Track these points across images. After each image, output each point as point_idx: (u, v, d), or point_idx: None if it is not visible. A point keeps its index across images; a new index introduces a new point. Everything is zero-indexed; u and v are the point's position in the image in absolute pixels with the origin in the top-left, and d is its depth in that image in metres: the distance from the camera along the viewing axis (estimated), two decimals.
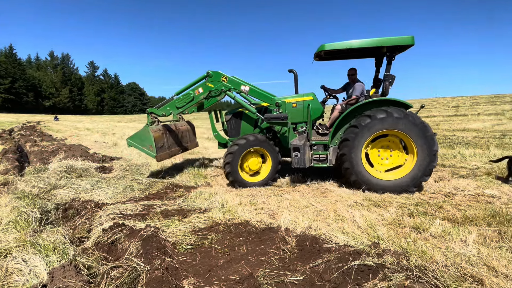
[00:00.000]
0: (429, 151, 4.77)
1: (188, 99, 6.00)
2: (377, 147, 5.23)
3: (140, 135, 5.86)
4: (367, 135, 4.93)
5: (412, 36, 4.96)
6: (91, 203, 4.61)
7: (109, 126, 29.01)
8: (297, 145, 5.13)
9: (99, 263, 2.82)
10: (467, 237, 3.14)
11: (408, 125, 4.78)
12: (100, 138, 16.01)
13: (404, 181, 4.89)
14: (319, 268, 2.68)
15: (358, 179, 5.02)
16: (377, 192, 4.92)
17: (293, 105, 5.87)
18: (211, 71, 5.93)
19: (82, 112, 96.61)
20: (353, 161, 5.00)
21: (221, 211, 4.17)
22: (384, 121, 4.84)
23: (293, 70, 6.02)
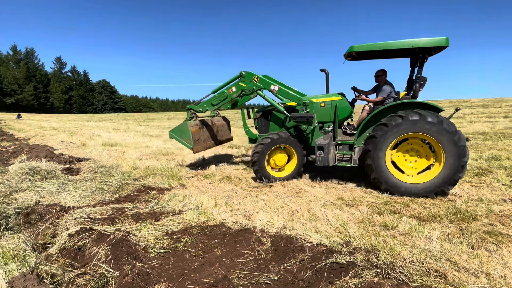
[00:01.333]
0: (458, 161, 4.56)
1: (222, 97, 6.46)
2: (403, 149, 5.10)
3: (180, 129, 6.52)
4: (395, 136, 4.82)
5: (447, 37, 4.79)
6: (56, 207, 4.36)
7: (77, 125, 27.60)
8: (321, 144, 5.27)
9: (64, 271, 2.68)
10: (432, 233, 3.32)
11: (440, 131, 4.57)
12: (68, 138, 15.20)
13: (426, 187, 4.72)
14: (293, 268, 2.71)
15: (378, 177, 4.95)
16: (395, 194, 4.84)
17: (321, 105, 6.00)
18: (244, 72, 6.30)
19: (48, 110, 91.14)
20: (376, 158, 4.93)
21: (195, 213, 4.10)
22: (415, 123, 4.68)
23: (325, 69, 6.02)
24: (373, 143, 4.96)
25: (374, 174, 4.99)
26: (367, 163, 5.05)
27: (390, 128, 4.82)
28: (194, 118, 6.73)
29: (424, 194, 4.73)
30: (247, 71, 6.32)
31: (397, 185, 4.87)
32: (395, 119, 4.81)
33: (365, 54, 5.62)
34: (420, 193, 4.75)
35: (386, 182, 4.92)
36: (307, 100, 5.78)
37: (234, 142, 12.03)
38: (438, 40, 4.80)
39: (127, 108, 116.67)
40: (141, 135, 16.56)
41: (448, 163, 4.63)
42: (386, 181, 4.92)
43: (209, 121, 7.18)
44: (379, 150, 4.92)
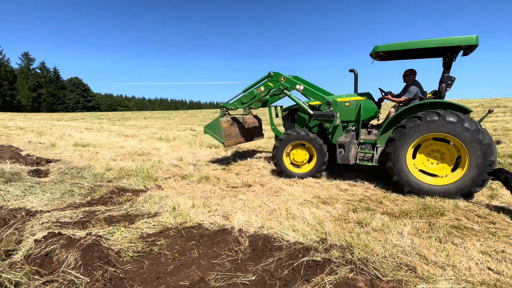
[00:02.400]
0: (484, 160, 4.39)
1: (251, 96, 6.88)
2: (427, 150, 5.01)
3: (213, 125, 6.96)
4: (414, 137, 4.77)
5: (476, 35, 4.63)
6: (21, 211, 4.11)
7: (46, 124, 26.22)
8: (343, 142, 5.45)
9: (29, 279, 2.52)
10: (403, 229, 3.45)
11: (461, 130, 4.45)
12: (36, 138, 14.40)
13: (450, 188, 4.61)
14: (271, 267, 2.72)
15: (401, 180, 4.89)
16: (419, 195, 4.76)
17: (345, 104, 6.08)
18: (272, 72, 6.60)
19: (14, 109, 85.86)
20: (396, 161, 4.89)
21: (172, 215, 4.01)
22: (434, 124, 4.60)
23: (354, 70, 6.04)
24: (392, 146, 4.93)
25: (395, 176, 4.94)
26: (388, 165, 5.03)
27: (408, 130, 4.79)
28: (226, 115, 7.21)
29: (450, 196, 4.60)
30: (276, 71, 6.61)
31: (420, 187, 4.79)
32: (414, 121, 4.77)
33: (392, 54, 5.57)
34: (446, 194, 4.62)
35: (408, 184, 4.84)
36: (331, 99, 5.89)
37: (213, 142, 11.94)
38: (467, 39, 4.65)
39: (101, 107, 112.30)
40: (115, 135, 16.00)
41: (473, 163, 4.47)
42: (408, 183, 4.84)
43: (240, 119, 7.59)
44: (399, 152, 4.87)
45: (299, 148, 6.20)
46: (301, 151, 6.18)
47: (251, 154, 9.01)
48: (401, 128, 4.90)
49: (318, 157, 5.99)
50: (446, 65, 5.23)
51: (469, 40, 4.66)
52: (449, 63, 5.19)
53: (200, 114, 47.04)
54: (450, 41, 4.75)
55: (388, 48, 5.21)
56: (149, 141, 13.05)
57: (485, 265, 2.71)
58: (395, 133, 4.98)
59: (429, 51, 5.31)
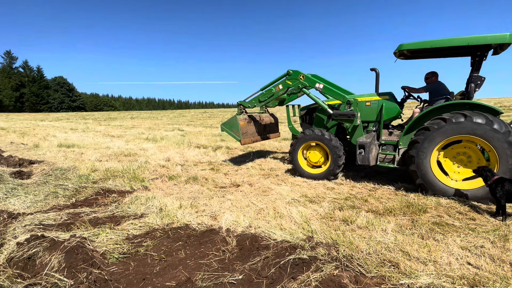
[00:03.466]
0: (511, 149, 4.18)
1: (269, 94, 6.80)
2: (452, 153, 4.81)
3: (230, 122, 7.01)
4: (439, 139, 4.57)
5: (510, 33, 4.33)
6: (3, 213, 4.01)
7: (29, 125, 25.49)
8: (363, 142, 5.24)
9: (12, 282, 2.47)
10: (387, 226, 3.54)
11: (489, 132, 4.25)
12: (18, 139, 13.99)
13: (478, 193, 4.41)
14: (258, 266, 2.75)
15: (424, 183, 4.73)
16: (438, 195, 4.63)
17: (366, 104, 5.94)
18: (291, 70, 6.47)
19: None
20: (420, 164, 4.71)
21: (159, 216, 3.98)
22: (461, 125, 4.39)
23: (375, 68, 5.92)
24: (415, 148, 4.77)
25: (419, 180, 4.79)
26: (411, 169, 4.85)
27: (432, 131, 4.60)
28: (243, 113, 7.21)
29: (477, 200, 4.41)
30: (295, 69, 6.48)
31: (445, 191, 4.62)
32: (438, 122, 4.59)
33: (418, 53, 5.35)
34: (473, 199, 4.43)
35: (432, 188, 4.71)
36: (352, 98, 5.70)
37: (200, 142, 11.88)
38: (499, 37, 4.36)
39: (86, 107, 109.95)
40: (101, 136, 15.70)
41: (503, 166, 4.26)
42: (432, 187, 4.71)
43: (257, 117, 7.55)
44: (422, 155, 4.70)
45: (315, 149, 6.06)
46: (317, 152, 6.04)
47: (240, 154, 9.01)
48: (424, 130, 4.72)
49: (332, 159, 5.77)
50: (476, 65, 4.94)
51: (501, 38, 4.37)
52: (479, 63, 4.90)
53: (189, 114, 46.67)
54: (481, 39, 4.47)
55: (414, 47, 4.97)
56: (136, 141, 12.87)
57: (465, 260, 2.81)
58: (418, 135, 4.79)
59: (457, 50, 5.08)
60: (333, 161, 5.76)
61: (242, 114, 7.16)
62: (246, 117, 7.18)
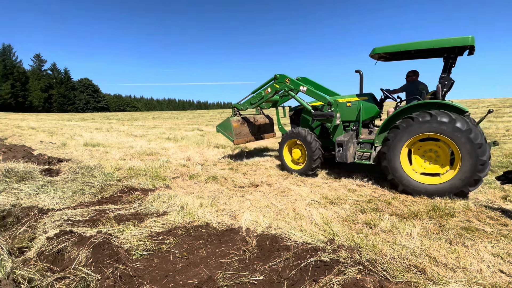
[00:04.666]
0: (476, 160, 4.36)
1: (259, 97, 7.26)
2: (422, 150, 5.04)
3: (224, 124, 7.52)
4: (407, 137, 4.87)
5: (472, 36, 4.52)
6: (34, 209, 4.21)
7: (57, 125, 26.72)
8: (341, 141, 5.61)
9: (42, 275, 2.59)
10: (412, 230, 3.41)
11: (453, 130, 4.47)
12: (47, 138, 14.69)
13: (443, 188, 4.63)
14: (278, 267, 2.73)
15: (395, 178, 5.00)
16: (413, 194, 4.82)
17: (347, 104, 6.30)
18: (278, 74, 6.92)
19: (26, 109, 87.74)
20: (391, 160, 5.01)
21: (180, 214, 4.05)
22: (426, 124, 4.66)
23: (360, 70, 6.13)
24: (387, 146, 5.04)
25: (390, 175, 5.04)
26: (383, 164, 5.13)
27: (401, 130, 4.89)
28: (237, 115, 7.73)
29: (443, 195, 4.63)
30: (281, 73, 6.92)
31: (413, 186, 4.85)
32: (407, 121, 4.86)
33: (393, 55, 5.63)
34: (439, 193, 4.65)
35: (401, 183, 4.93)
36: (332, 100, 6.00)
37: (219, 142, 11.99)
38: (462, 39, 4.57)
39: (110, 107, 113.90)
40: (124, 135, 16.21)
41: (465, 162, 4.46)
42: (401, 182, 4.93)
43: (251, 118, 8.02)
44: (393, 152, 4.98)
45: (299, 146, 6.51)
46: (298, 150, 6.48)
47: (258, 154, 9.01)
48: (395, 128, 5.00)
49: (308, 156, 6.19)
50: (444, 66, 5.20)
51: (464, 41, 4.60)
52: (446, 64, 5.15)
53: (208, 114, 47.26)
54: (446, 42, 4.74)
55: (385, 50, 5.29)
56: (158, 141, 13.18)
57: (497, 267, 2.66)
58: (390, 133, 5.08)
59: (428, 52, 5.28)
60: (309, 158, 6.19)
61: (235, 116, 7.71)
62: (239, 118, 7.66)
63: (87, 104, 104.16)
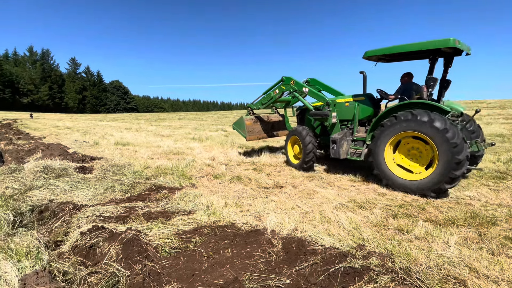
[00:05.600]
0: (452, 158, 4.48)
1: (269, 97, 7.88)
2: (406, 148, 5.27)
3: (239, 122, 8.24)
4: (391, 135, 5.15)
5: (453, 38, 4.67)
6: (69, 204, 4.41)
7: (90, 124, 28.14)
8: (335, 138, 6.07)
9: (76, 269, 2.69)
10: (449, 238, 3.20)
11: (431, 129, 4.63)
12: (81, 137, 15.49)
13: (421, 184, 4.80)
14: (305, 271, 2.65)
15: (380, 173, 5.33)
16: (395, 189, 5.10)
17: (345, 104, 6.61)
18: (284, 77, 7.44)
19: (63, 110, 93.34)
20: (376, 156, 5.33)
21: (206, 213, 4.08)
22: (408, 122, 4.90)
23: (363, 71, 6.40)
24: (374, 142, 5.41)
25: (375, 170, 5.40)
26: (369, 160, 5.52)
27: (386, 128, 5.21)
28: (250, 114, 8.39)
29: (421, 191, 4.82)
30: (288, 76, 7.42)
31: (395, 181, 5.15)
32: (391, 120, 5.16)
33: (387, 57, 5.85)
34: (417, 189, 4.86)
35: (385, 177, 5.27)
36: (330, 100, 6.45)
37: (243, 142, 12.03)
38: (444, 41, 4.77)
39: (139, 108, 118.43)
40: (152, 135, 16.73)
41: (442, 160, 4.63)
42: (385, 177, 5.27)
43: (265, 117, 8.58)
44: (378, 148, 5.31)
45: (298, 142, 6.98)
46: (298, 145, 6.98)
47: (282, 155, 8.92)
48: (381, 126, 5.31)
49: (303, 150, 6.64)
50: (430, 67, 5.45)
51: (445, 43, 4.78)
52: (431, 66, 5.41)
53: (231, 115, 47.73)
54: (429, 44, 4.95)
55: (375, 53, 5.62)
56: (184, 141, 13.47)
57: None
58: (376, 130, 5.42)
59: (415, 54, 5.50)
60: (304, 153, 6.63)
61: (249, 115, 8.36)
62: (252, 117, 8.31)
63: (118, 105, 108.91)
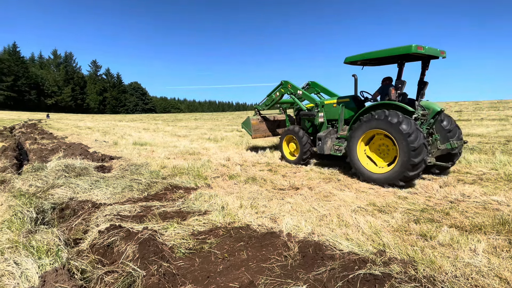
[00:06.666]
0: (408, 160, 5.02)
1: (271, 99, 8.91)
2: (378, 143, 5.90)
3: (246, 122, 9.19)
4: (363, 131, 5.78)
5: (415, 45, 5.15)
6: (88, 203, 4.50)
7: (110, 125, 28.95)
8: (320, 136, 6.84)
9: (93, 267, 2.72)
10: (476, 246, 3.02)
11: (397, 130, 5.15)
12: (101, 137, 15.94)
13: (390, 175, 5.35)
14: (323, 277, 2.56)
15: (353, 164, 6.00)
16: (368, 182, 5.67)
17: (333, 105, 7.21)
18: (283, 81, 8.40)
19: (84, 110, 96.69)
20: (350, 149, 6.05)
21: (221, 214, 4.05)
22: (377, 121, 5.51)
23: (355, 75, 6.88)
24: (349, 138, 6.07)
25: (350, 162, 6.07)
26: (346, 153, 6.23)
27: (358, 126, 5.85)
28: (256, 114, 9.37)
29: (380, 183, 5.47)
30: (286, 80, 8.32)
31: (362, 172, 5.82)
32: (365, 118, 5.73)
33: (369, 62, 6.42)
34: (378, 182, 5.52)
35: (355, 168, 5.96)
36: (319, 102, 7.46)
37: (258, 143, 11.99)
38: (406, 48, 5.28)
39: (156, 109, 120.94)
40: (169, 135, 16.99)
41: (401, 159, 5.16)
42: (355, 167, 5.96)
43: (271, 117, 9.49)
44: (352, 142, 5.98)
45: (294, 141, 7.70)
46: (294, 143, 7.75)
47: None
48: (354, 123, 6.04)
49: (300, 148, 7.42)
50: (398, 72, 6.17)
51: (407, 50, 5.27)
52: (399, 70, 6.15)
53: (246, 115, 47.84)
54: (392, 51, 5.56)
55: (354, 59, 6.26)
56: (199, 141, 13.59)
57: None
58: (351, 128, 6.09)
59: (387, 60, 6.13)
60: (301, 150, 7.39)
61: (255, 115, 9.34)
62: (258, 117, 9.25)
63: (136, 106, 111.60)
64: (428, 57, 5.71)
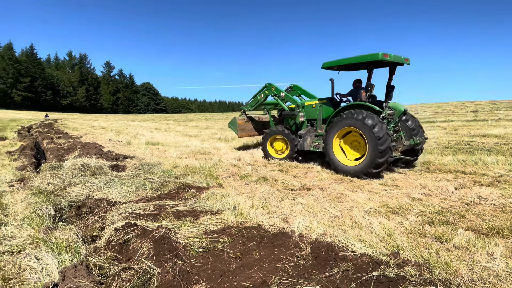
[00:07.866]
0: (376, 148, 5.73)
1: (256, 101, 9.50)
2: (352, 139, 6.66)
3: (232, 121, 9.66)
4: (337, 129, 6.52)
5: (382, 52, 5.79)
6: (104, 201, 4.61)
7: (123, 125, 29.47)
8: (300, 134, 7.60)
9: (110, 264, 2.80)
10: (494, 249, 2.95)
11: (363, 125, 5.90)
12: (114, 136, 16.25)
13: (356, 168, 6.14)
14: (336, 278, 2.56)
15: (329, 159, 6.72)
16: (339, 173, 6.44)
17: (312, 106, 7.84)
18: (267, 83, 9.01)
19: (98, 111, 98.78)
20: (327, 147, 6.74)
21: (233, 214, 4.08)
22: (348, 120, 6.23)
23: (332, 79, 7.41)
24: (326, 135, 6.75)
25: (327, 158, 6.77)
26: (323, 151, 6.95)
27: (333, 124, 6.60)
28: (243, 115, 9.85)
29: (355, 174, 6.13)
30: (270, 82, 8.97)
31: (338, 165, 6.53)
32: (338, 117, 6.51)
33: (344, 67, 7.02)
34: (353, 173, 6.17)
35: (331, 162, 6.67)
36: (300, 103, 8.13)
37: None
38: (373, 55, 5.93)
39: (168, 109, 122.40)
40: (180, 135, 17.18)
41: (370, 150, 5.86)
42: (331, 161, 6.67)
43: (256, 118, 10.00)
44: (328, 139, 6.69)
45: (277, 140, 8.36)
46: (279, 142, 8.34)
47: (308, 157, 8.77)
48: (329, 122, 6.74)
49: (290, 147, 8.00)
50: (368, 76, 6.95)
51: (374, 57, 5.95)
52: (370, 74, 6.91)
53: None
54: (361, 58, 6.25)
55: (329, 65, 6.96)
56: (210, 141, 13.69)
57: None
58: (327, 126, 6.79)
59: (358, 66, 6.80)
60: (291, 148, 7.96)
61: (241, 115, 9.81)
62: (244, 117, 9.74)
63: (148, 106, 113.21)
64: (394, 64, 6.37)
